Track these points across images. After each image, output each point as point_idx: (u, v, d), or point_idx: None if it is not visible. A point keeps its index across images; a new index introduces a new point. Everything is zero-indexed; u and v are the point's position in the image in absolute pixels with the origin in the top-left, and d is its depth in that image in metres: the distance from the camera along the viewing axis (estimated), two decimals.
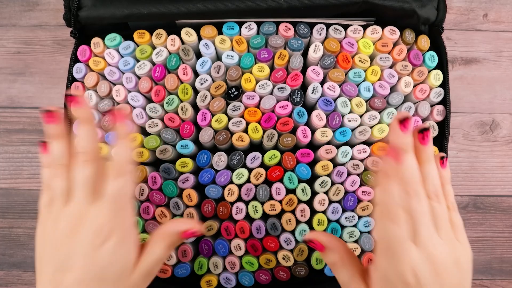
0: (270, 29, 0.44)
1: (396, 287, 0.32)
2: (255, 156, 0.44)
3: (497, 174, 0.60)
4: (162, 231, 0.37)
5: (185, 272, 0.45)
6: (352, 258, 0.36)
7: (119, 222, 0.33)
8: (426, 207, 0.33)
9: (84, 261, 0.31)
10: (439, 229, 0.33)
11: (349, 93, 0.44)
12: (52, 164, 0.34)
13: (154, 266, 0.35)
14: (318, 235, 0.38)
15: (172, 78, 0.44)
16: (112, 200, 0.33)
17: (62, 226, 0.33)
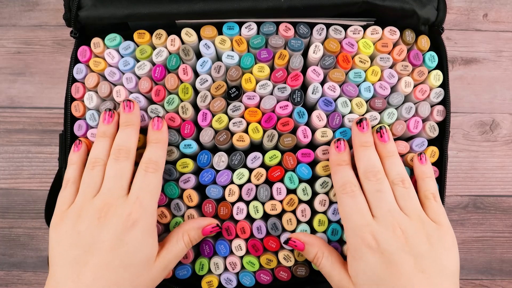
0: (270, 29, 0.44)
1: (362, 253, 0.35)
2: (256, 156, 0.44)
3: (497, 174, 0.60)
4: (183, 229, 0.40)
5: (186, 274, 0.45)
6: (331, 250, 0.41)
7: (145, 214, 0.35)
8: (385, 187, 0.38)
9: (111, 246, 0.33)
10: (404, 208, 0.37)
11: (350, 93, 0.44)
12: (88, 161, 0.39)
13: (172, 261, 0.38)
14: (297, 234, 0.42)
15: (172, 78, 0.44)
16: (140, 196, 0.35)
17: (89, 214, 0.34)
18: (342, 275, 0.38)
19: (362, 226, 0.36)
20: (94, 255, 0.33)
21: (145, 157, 0.38)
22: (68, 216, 0.35)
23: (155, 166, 0.38)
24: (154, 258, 0.36)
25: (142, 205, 0.35)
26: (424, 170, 0.41)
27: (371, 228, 0.36)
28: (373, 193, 0.38)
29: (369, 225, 0.36)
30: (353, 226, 0.36)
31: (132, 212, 0.34)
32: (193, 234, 0.40)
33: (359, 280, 0.36)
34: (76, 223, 0.34)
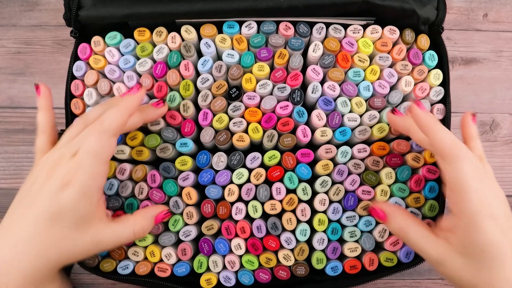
0: (270, 28, 0.44)
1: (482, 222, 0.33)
2: (255, 157, 0.44)
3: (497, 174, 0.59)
4: (136, 218, 0.40)
5: (185, 271, 0.45)
6: (417, 220, 0.39)
7: (83, 176, 0.34)
8: None
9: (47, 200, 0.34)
10: None
11: (349, 92, 0.44)
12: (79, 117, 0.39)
13: (109, 241, 0.38)
14: (380, 204, 0.41)
15: (174, 74, 0.44)
16: (81, 158, 0.35)
17: (46, 164, 0.36)
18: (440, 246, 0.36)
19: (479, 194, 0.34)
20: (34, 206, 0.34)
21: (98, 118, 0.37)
22: (39, 163, 0.37)
23: (99, 127, 0.36)
24: (86, 223, 0.35)
25: (80, 167, 0.34)
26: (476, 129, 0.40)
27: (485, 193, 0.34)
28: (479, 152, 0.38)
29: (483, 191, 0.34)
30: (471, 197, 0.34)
31: (69, 172, 0.34)
32: (147, 224, 0.40)
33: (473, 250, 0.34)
34: (39, 170, 0.36)
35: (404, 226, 0.38)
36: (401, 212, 0.39)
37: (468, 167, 0.34)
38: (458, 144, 0.35)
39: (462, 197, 0.34)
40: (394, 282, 0.56)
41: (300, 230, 0.44)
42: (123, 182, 0.45)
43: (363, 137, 0.44)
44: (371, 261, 0.45)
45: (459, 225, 0.35)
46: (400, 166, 0.45)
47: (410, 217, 0.39)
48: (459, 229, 0.35)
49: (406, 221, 0.38)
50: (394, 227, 0.39)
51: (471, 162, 0.35)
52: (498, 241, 0.33)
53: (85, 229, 0.36)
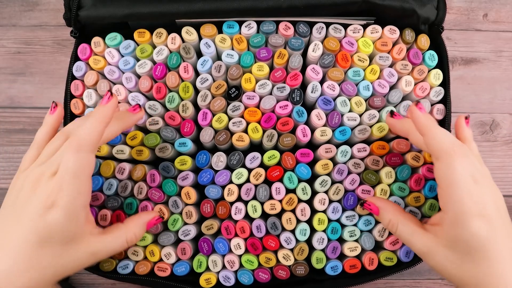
0: (270, 28, 0.44)
1: (468, 220, 0.34)
2: (255, 156, 0.44)
3: (497, 174, 0.60)
4: (128, 227, 0.40)
5: (184, 271, 0.45)
6: (408, 215, 0.40)
7: (65, 196, 0.33)
8: None
9: (32, 221, 0.33)
10: None
11: (349, 92, 0.44)
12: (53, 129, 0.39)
13: (103, 252, 0.37)
14: (372, 198, 0.42)
15: (173, 76, 0.44)
16: (62, 177, 0.34)
17: (30, 180, 0.35)
18: (426, 238, 0.37)
19: (471, 192, 0.34)
20: (19, 225, 0.33)
21: (73, 134, 0.36)
22: (22, 174, 0.36)
23: (76, 144, 0.34)
24: (77, 240, 0.35)
25: (62, 187, 0.33)
26: (470, 132, 0.41)
27: (478, 192, 0.34)
28: (469, 151, 0.37)
29: (476, 190, 0.34)
30: (460, 195, 0.34)
31: (51, 193, 0.33)
32: (138, 231, 0.40)
33: (458, 245, 0.35)
34: (21, 185, 0.35)
35: (394, 219, 0.40)
36: (392, 207, 0.41)
37: (461, 165, 0.35)
38: (453, 144, 0.36)
39: (452, 193, 0.35)
40: (394, 282, 0.56)
41: (300, 229, 0.44)
42: (122, 182, 0.45)
43: (363, 136, 0.44)
44: (371, 261, 0.45)
45: (446, 219, 0.36)
46: (400, 165, 0.45)
47: (400, 211, 0.40)
48: (446, 223, 0.36)
49: (396, 215, 0.40)
50: (385, 220, 0.41)
51: (464, 160, 0.35)
52: (487, 239, 0.34)
53: (77, 246, 0.35)
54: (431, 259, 0.37)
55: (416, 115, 0.38)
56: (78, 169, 0.34)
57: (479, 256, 0.34)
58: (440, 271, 0.37)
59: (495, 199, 0.36)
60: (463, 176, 0.35)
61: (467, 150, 0.37)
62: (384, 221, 0.41)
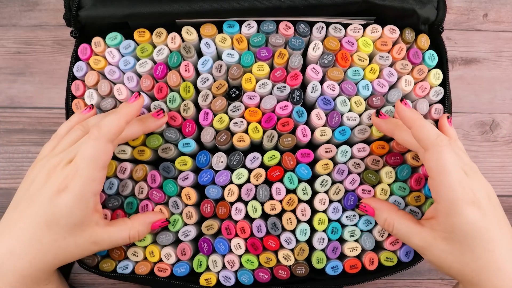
0: (270, 28, 0.44)
1: (461, 209, 0.34)
2: (255, 157, 0.44)
3: (497, 174, 0.60)
4: (134, 223, 0.41)
5: (184, 271, 0.45)
6: (402, 213, 0.41)
7: (79, 182, 0.35)
8: None
9: (43, 203, 0.34)
10: None
11: (348, 91, 0.44)
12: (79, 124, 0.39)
13: (106, 242, 0.38)
14: (367, 200, 0.43)
15: (174, 75, 0.44)
16: (78, 163, 0.35)
17: (46, 168, 0.36)
18: (423, 233, 0.37)
19: (462, 181, 0.35)
20: (30, 207, 0.35)
21: (95, 123, 0.39)
22: (37, 164, 0.38)
23: (96, 132, 0.36)
24: (83, 227, 0.36)
25: (77, 173, 0.35)
26: (453, 132, 0.43)
27: (469, 183, 0.35)
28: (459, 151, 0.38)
29: (466, 180, 0.35)
30: (452, 182, 0.35)
31: (66, 178, 0.35)
32: (142, 229, 0.41)
33: (454, 235, 0.35)
34: (36, 173, 0.37)
35: (389, 218, 0.40)
36: (386, 206, 0.41)
37: (450, 155, 0.35)
38: (441, 135, 0.36)
39: (443, 182, 0.35)
40: (394, 282, 0.56)
41: (300, 230, 0.44)
42: (123, 181, 0.45)
43: (363, 136, 0.44)
44: (371, 261, 0.45)
45: (440, 210, 0.36)
46: (400, 165, 0.45)
47: (395, 210, 0.41)
48: (440, 214, 0.36)
49: (392, 214, 0.40)
50: (381, 220, 0.41)
51: (454, 151, 0.36)
52: (481, 226, 0.34)
53: (81, 233, 0.36)
54: (430, 254, 0.37)
55: (401, 109, 0.39)
56: (96, 156, 0.36)
57: (476, 244, 0.34)
58: (439, 266, 0.37)
59: (486, 189, 0.36)
60: (453, 165, 0.35)
61: (454, 145, 0.38)
62: (380, 221, 0.41)
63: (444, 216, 0.36)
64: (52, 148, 0.39)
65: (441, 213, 0.36)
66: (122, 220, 0.41)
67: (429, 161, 0.37)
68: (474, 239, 0.34)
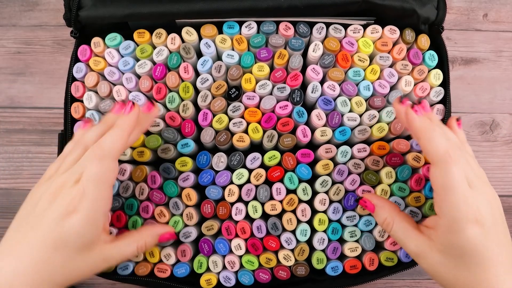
0: (270, 28, 0.44)
1: (464, 227, 0.34)
2: (255, 157, 0.44)
3: (497, 174, 0.60)
4: (141, 234, 0.40)
5: (184, 272, 0.45)
6: (404, 215, 0.40)
7: (87, 203, 0.34)
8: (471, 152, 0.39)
9: (50, 225, 0.33)
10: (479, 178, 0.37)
11: (349, 92, 0.44)
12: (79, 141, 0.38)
13: (116, 258, 0.38)
14: (368, 195, 0.42)
15: (173, 76, 0.44)
16: (85, 184, 0.34)
17: (50, 188, 0.35)
18: (421, 240, 0.37)
19: (467, 198, 0.34)
20: (36, 229, 0.34)
21: (97, 143, 0.37)
22: (43, 184, 0.37)
23: (100, 152, 0.35)
24: (91, 247, 0.36)
25: (84, 194, 0.34)
26: (463, 134, 0.41)
27: (475, 199, 0.34)
28: (467, 155, 0.37)
29: (472, 197, 0.34)
30: (456, 200, 0.34)
31: (73, 199, 0.34)
32: (150, 240, 0.41)
33: (452, 250, 0.34)
34: (41, 194, 0.36)
35: (389, 218, 0.39)
36: (388, 205, 0.41)
37: (457, 170, 0.34)
38: (451, 150, 0.35)
39: (447, 199, 0.34)
40: (394, 282, 0.56)
41: (301, 230, 0.44)
42: (123, 183, 0.45)
43: (363, 136, 0.44)
44: (371, 261, 0.45)
45: (441, 224, 0.35)
46: (400, 165, 0.45)
47: (396, 211, 0.40)
48: (441, 228, 0.35)
49: (392, 214, 0.39)
50: (380, 218, 0.40)
51: (462, 167, 0.35)
52: (481, 245, 0.33)
53: (90, 252, 0.36)
54: (423, 262, 0.37)
55: (410, 118, 0.37)
56: (102, 176, 0.35)
57: (473, 262, 0.34)
58: (432, 275, 0.37)
59: (491, 202, 0.35)
60: (459, 182, 0.34)
61: (464, 152, 0.37)
62: (380, 219, 0.40)
63: (444, 231, 0.35)
64: (56, 169, 0.38)
65: (442, 228, 0.35)
66: (129, 233, 0.40)
67: (435, 176, 0.36)
68: (471, 257, 0.34)
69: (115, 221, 0.44)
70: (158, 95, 0.44)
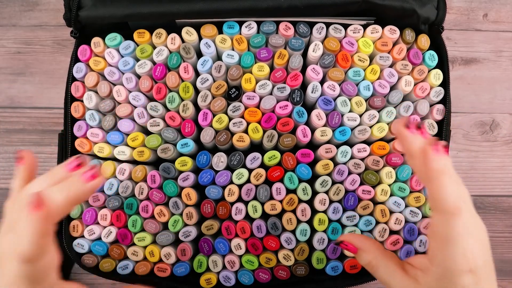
0: (270, 28, 0.44)
1: (459, 281, 0.31)
2: (255, 157, 0.44)
3: (497, 174, 0.60)
4: None
5: (184, 271, 0.45)
6: (388, 255, 0.37)
7: None
8: None
9: None
10: None
11: (349, 92, 0.44)
12: None
13: None
14: (350, 237, 0.39)
15: (173, 76, 0.44)
16: None
17: None
18: (406, 282, 0.34)
19: (466, 250, 0.32)
20: None
21: None
22: None
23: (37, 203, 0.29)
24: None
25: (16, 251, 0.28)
26: None
27: (472, 250, 0.32)
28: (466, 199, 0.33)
29: (471, 248, 0.32)
30: (455, 253, 0.32)
31: None
32: None
33: None
34: None
35: (373, 261, 0.37)
36: (372, 246, 0.38)
37: (463, 224, 0.32)
38: (460, 200, 0.32)
39: (446, 250, 0.32)
40: None
41: (300, 230, 0.44)
42: (123, 182, 0.45)
43: (363, 136, 0.44)
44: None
45: (433, 271, 0.33)
46: (400, 165, 0.45)
47: (380, 251, 0.37)
48: (431, 274, 0.33)
49: (376, 256, 0.37)
50: (365, 261, 0.38)
51: (467, 219, 0.32)
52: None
53: None
54: None
55: (430, 159, 0.31)
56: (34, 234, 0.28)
57: None
58: None
59: (482, 243, 0.33)
60: (463, 236, 0.32)
61: (469, 207, 0.33)
62: (363, 262, 0.38)
63: (435, 278, 0.33)
64: None
65: (433, 274, 0.33)
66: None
67: (437, 225, 0.33)
68: None
69: (115, 220, 0.44)
70: (158, 95, 0.44)
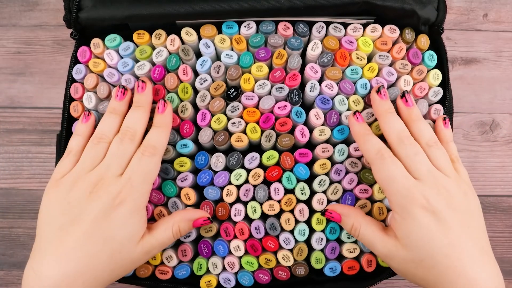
0: (269, 28, 0.44)
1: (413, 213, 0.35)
2: (253, 157, 0.44)
3: (497, 174, 0.60)
4: (174, 219, 0.40)
5: (185, 273, 0.45)
6: (369, 218, 0.41)
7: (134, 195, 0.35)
8: (420, 149, 0.38)
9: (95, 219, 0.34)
10: (442, 169, 0.38)
11: (346, 90, 0.44)
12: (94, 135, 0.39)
13: (156, 247, 0.38)
14: (333, 206, 0.43)
15: (172, 78, 0.44)
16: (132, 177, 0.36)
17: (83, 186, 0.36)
18: (386, 240, 0.38)
19: (410, 187, 0.36)
20: (79, 225, 0.34)
21: (145, 140, 0.39)
22: (62, 184, 0.36)
23: (152, 150, 0.38)
24: (137, 239, 0.36)
25: (132, 186, 0.35)
26: (446, 134, 0.42)
27: (419, 188, 0.36)
28: (411, 156, 0.38)
29: (416, 186, 0.36)
30: (400, 189, 0.36)
31: (121, 191, 0.35)
32: (183, 225, 0.40)
33: (411, 240, 0.35)
34: (68, 192, 0.36)
35: (356, 223, 0.40)
36: (353, 211, 0.41)
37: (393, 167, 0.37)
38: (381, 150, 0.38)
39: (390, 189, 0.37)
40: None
41: (299, 230, 0.44)
42: None
43: None
44: (369, 262, 0.45)
45: (397, 218, 0.37)
46: None
47: (361, 215, 0.41)
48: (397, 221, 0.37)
49: (358, 219, 0.40)
50: (348, 225, 0.41)
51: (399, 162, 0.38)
52: (436, 230, 0.35)
53: (135, 245, 0.36)
54: (393, 262, 0.37)
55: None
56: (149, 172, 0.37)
57: (433, 250, 0.34)
58: (403, 274, 0.37)
59: (447, 198, 0.36)
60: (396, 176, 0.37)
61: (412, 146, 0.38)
62: (347, 227, 0.41)
63: (399, 222, 0.36)
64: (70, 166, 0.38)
65: (398, 220, 0.37)
66: (163, 220, 0.41)
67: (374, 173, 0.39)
68: (430, 244, 0.34)
69: None
70: (157, 96, 0.44)
